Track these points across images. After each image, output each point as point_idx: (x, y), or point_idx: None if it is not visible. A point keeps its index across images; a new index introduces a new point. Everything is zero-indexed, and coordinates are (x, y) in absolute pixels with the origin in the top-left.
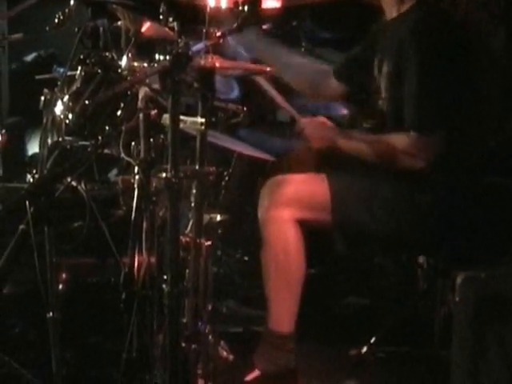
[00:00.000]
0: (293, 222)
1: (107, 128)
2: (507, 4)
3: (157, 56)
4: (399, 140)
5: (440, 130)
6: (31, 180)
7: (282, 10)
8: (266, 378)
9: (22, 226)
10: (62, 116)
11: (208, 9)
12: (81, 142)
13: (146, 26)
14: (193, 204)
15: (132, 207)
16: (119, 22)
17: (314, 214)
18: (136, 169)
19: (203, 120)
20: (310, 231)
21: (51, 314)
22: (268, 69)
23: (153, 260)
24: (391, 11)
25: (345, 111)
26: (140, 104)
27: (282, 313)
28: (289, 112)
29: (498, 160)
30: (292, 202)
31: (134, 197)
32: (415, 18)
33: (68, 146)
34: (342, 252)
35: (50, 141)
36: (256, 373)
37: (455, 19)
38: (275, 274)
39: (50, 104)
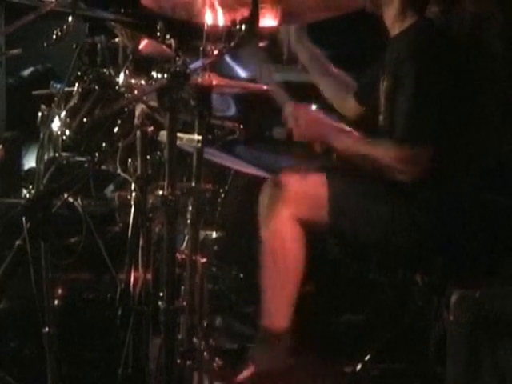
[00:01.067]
0: (292, 220)
1: (104, 144)
2: (506, 20)
3: (154, 73)
4: (386, 150)
5: (427, 145)
6: (27, 195)
7: (279, 28)
8: (261, 375)
9: (18, 242)
10: (58, 132)
11: (205, 26)
12: (77, 158)
13: (143, 43)
14: (189, 221)
15: (128, 223)
16: (117, 39)
17: (310, 213)
18: (133, 185)
19: (200, 137)
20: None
21: (47, 329)
22: (265, 87)
23: (149, 276)
24: (394, 28)
25: None
26: (137, 121)
27: (276, 309)
28: (279, 96)
29: (493, 177)
30: (291, 201)
31: (130, 213)
32: (415, 36)
33: (65, 162)
34: (335, 256)
35: (46, 156)
36: (251, 369)
37: (458, 36)
38: (272, 270)
39: (47, 119)
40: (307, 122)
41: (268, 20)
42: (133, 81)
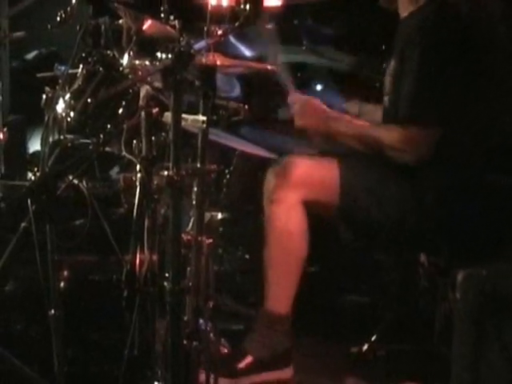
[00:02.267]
0: (299, 204)
1: (109, 126)
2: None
3: (158, 54)
4: (390, 132)
5: (432, 126)
6: (32, 178)
7: (283, 8)
8: (261, 363)
9: (23, 224)
10: (63, 114)
11: (209, 7)
12: (82, 140)
13: (147, 24)
14: (194, 202)
15: (133, 205)
16: (121, 20)
17: (320, 196)
18: (138, 167)
19: (205, 118)
20: (312, 228)
21: (53, 311)
22: (269, 67)
23: (154, 258)
24: (406, 9)
25: (344, 105)
26: (141, 102)
27: (280, 293)
28: (284, 80)
29: (499, 157)
30: (300, 184)
31: (135, 195)
32: (424, 15)
33: (69, 144)
34: (346, 240)
35: (51, 139)
36: (249, 359)
37: (466, 15)
38: (277, 253)
39: (52, 102)
40: (306, 110)
41: None
42: (137, 62)
